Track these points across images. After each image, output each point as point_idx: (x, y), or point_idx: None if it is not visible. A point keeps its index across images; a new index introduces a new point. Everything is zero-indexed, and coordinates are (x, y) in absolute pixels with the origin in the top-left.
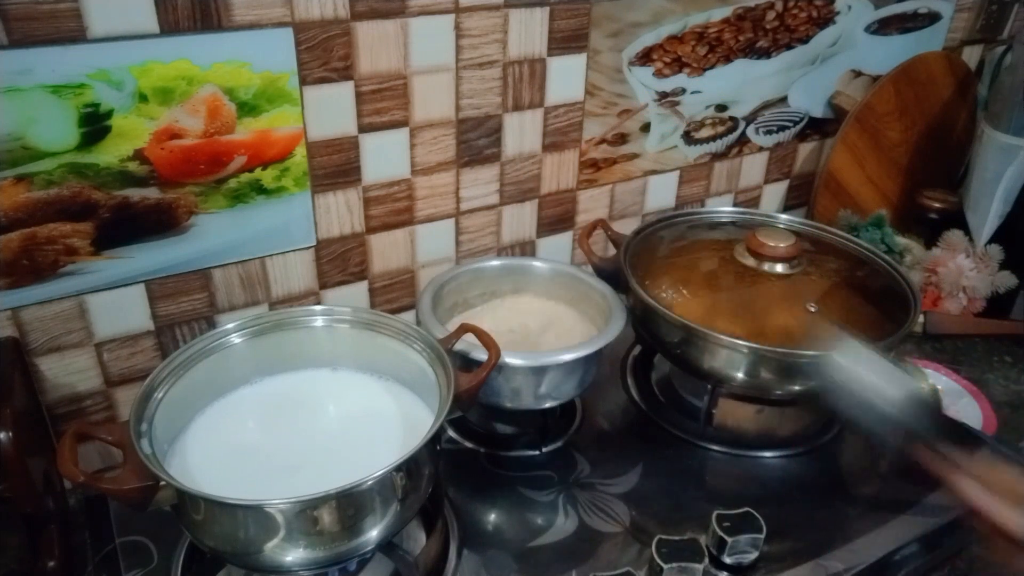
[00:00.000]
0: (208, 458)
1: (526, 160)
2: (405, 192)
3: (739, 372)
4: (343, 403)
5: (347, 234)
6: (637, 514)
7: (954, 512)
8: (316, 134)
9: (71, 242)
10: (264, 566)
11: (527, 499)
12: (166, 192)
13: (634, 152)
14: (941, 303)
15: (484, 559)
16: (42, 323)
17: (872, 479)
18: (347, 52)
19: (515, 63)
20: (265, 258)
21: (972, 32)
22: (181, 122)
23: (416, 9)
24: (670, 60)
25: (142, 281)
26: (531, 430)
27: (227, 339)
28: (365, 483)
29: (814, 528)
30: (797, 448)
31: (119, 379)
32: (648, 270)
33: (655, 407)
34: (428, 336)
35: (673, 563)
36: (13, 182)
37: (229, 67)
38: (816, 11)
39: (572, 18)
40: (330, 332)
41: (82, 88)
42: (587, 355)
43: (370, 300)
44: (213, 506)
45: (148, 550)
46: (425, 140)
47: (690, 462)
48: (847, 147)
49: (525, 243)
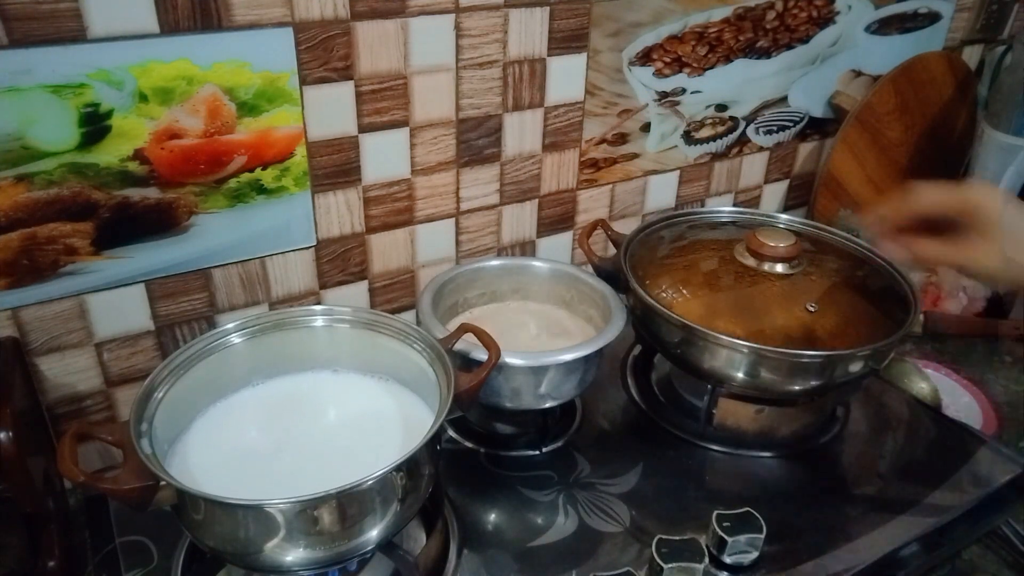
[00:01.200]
0: (208, 458)
1: (526, 160)
2: (405, 192)
3: (739, 372)
4: (343, 403)
5: (347, 234)
6: (637, 514)
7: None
8: (316, 134)
9: (71, 242)
10: (264, 566)
11: (527, 499)
12: (166, 192)
13: (634, 152)
14: (941, 303)
15: (484, 559)
16: (42, 323)
17: (872, 479)
18: (347, 52)
19: (515, 63)
20: (265, 258)
21: (972, 32)
22: (181, 122)
23: (416, 9)
24: (670, 60)
25: (142, 281)
26: (531, 430)
27: (227, 339)
28: (365, 483)
29: (814, 528)
30: (797, 448)
31: (119, 379)
32: (648, 270)
33: (655, 407)
34: (428, 336)
35: (673, 563)
36: (13, 182)
37: (229, 67)
38: (816, 11)
39: (572, 18)
40: (330, 332)
41: (82, 88)
42: (587, 355)
43: (370, 300)
44: (213, 506)
45: (148, 550)
46: (425, 140)
47: (690, 462)
48: (847, 147)
49: (525, 243)
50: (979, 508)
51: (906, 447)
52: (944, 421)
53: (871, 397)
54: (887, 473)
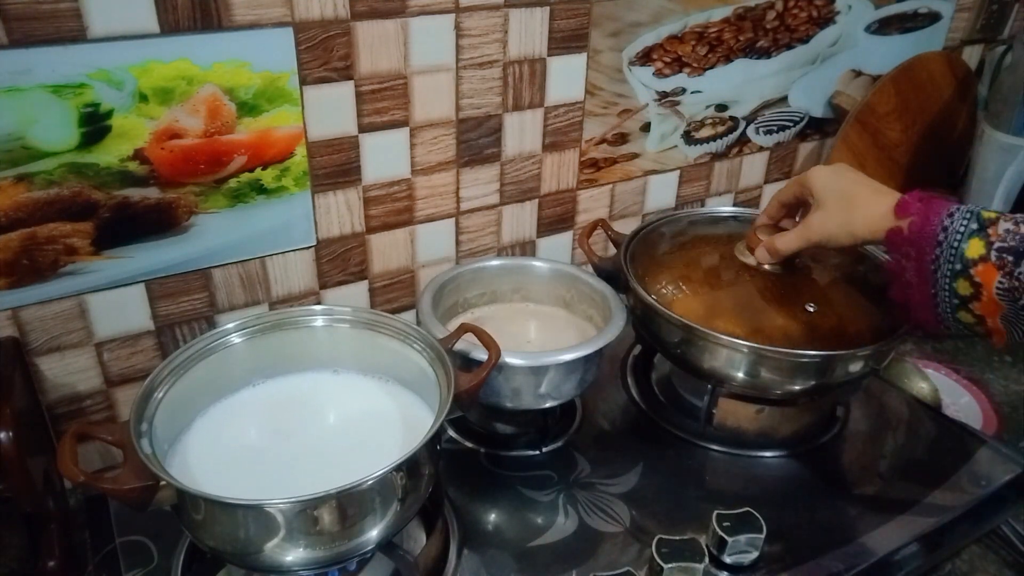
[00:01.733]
0: (208, 458)
1: (526, 160)
2: (405, 192)
3: (739, 372)
4: (343, 403)
5: (347, 234)
6: (637, 514)
7: (954, 512)
8: (316, 134)
9: (71, 242)
10: (264, 566)
11: (527, 499)
12: (166, 192)
13: (634, 152)
14: None
15: (484, 559)
16: (42, 323)
17: (872, 479)
18: (347, 52)
19: (515, 63)
20: (265, 258)
21: (972, 32)
22: (181, 122)
23: (416, 9)
24: (670, 60)
25: (142, 281)
26: (531, 430)
27: (227, 339)
28: (365, 483)
29: (814, 528)
30: (797, 448)
31: (119, 379)
32: (648, 270)
33: (655, 407)
34: (428, 336)
35: (673, 563)
36: (13, 182)
37: (229, 67)
38: (816, 11)
39: (572, 18)
40: (330, 332)
41: (82, 88)
42: (587, 355)
43: (370, 300)
44: (213, 506)
45: (148, 550)
46: (425, 140)
47: (690, 462)
48: (847, 147)
49: (525, 243)
50: (979, 508)
51: (906, 447)
52: (944, 421)
53: (871, 397)
54: (887, 473)
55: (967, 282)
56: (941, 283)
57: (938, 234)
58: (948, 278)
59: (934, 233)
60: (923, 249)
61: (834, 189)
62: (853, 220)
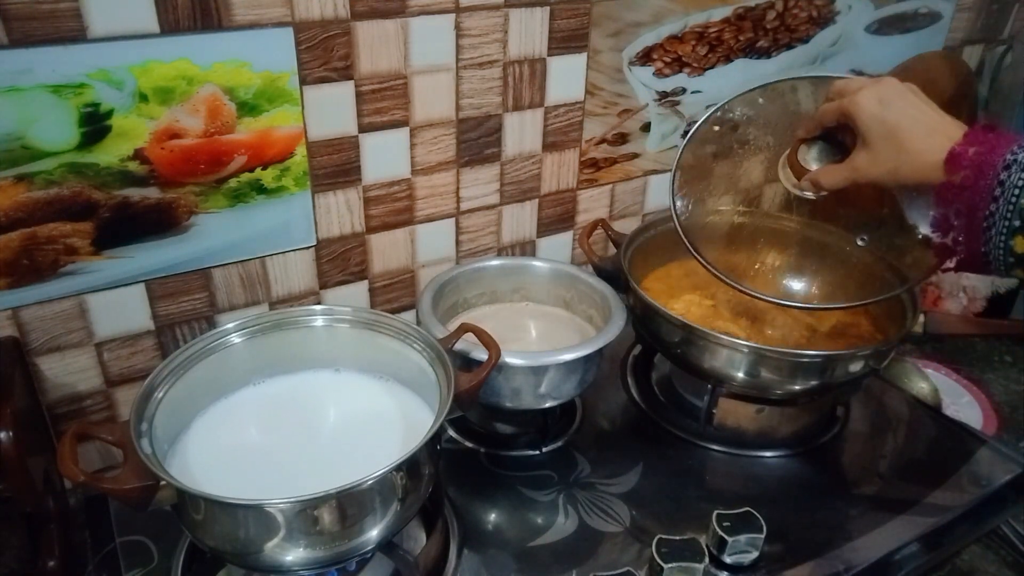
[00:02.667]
0: (208, 458)
1: (526, 160)
2: (405, 192)
3: (739, 372)
4: (343, 403)
5: (347, 234)
6: (637, 514)
7: (954, 512)
8: (316, 134)
9: (71, 242)
10: (264, 566)
11: (527, 499)
12: (166, 192)
13: (634, 152)
14: (941, 303)
15: (484, 559)
16: (42, 323)
17: (872, 479)
18: (347, 52)
19: (515, 63)
20: (265, 258)
21: (972, 32)
22: (181, 122)
23: (416, 9)
24: (670, 60)
25: (142, 281)
26: (531, 430)
27: (227, 339)
28: (365, 483)
29: (814, 528)
30: (797, 448)
31: (119, 379)
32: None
33: (655, 407)
34: (428, 336)
35: (673, 563)
36: (13, 182)
37: (229, 67)
38: (816, 11)
39: (572, 18)
40: (330, 332)
41: (82, 88)
42: (587, 355)
43: (370, 300)
44: (213, 506)
45: (148, 550)
46: (425, 140)
47: (690, 462)
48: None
49: (525, 243)
50: (979, 508)
51: (906, 447)
52: (944, 421)
53: (871, 397)
54: (887, 473)
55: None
56: (996, 240)
57: (994, 188)
58: (1004, 235)
59: (990, 188)
60: (976, 205)
61: (881, 125)
62: (900, 167)
